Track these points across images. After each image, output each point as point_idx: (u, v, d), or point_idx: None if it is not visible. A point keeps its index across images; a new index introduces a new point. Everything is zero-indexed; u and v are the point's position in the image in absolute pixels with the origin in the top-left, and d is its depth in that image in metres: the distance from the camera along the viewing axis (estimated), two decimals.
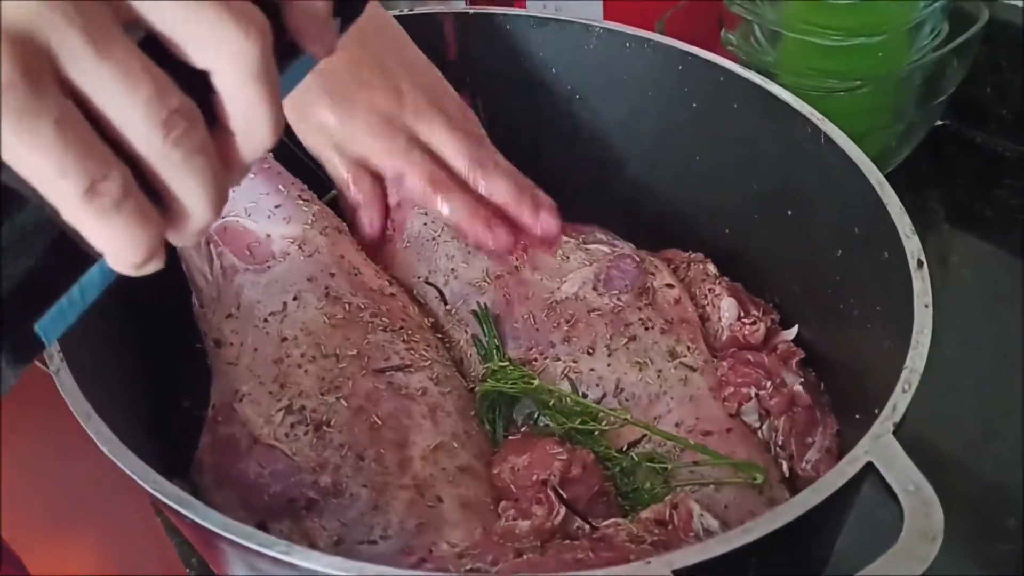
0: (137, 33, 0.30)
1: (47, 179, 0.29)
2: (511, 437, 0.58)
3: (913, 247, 0.51)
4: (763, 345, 0.62)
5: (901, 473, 0.40)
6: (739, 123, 0.67)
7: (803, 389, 0.58)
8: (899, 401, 0.44)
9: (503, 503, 0.53)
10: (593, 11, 0.89)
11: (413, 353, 0.59)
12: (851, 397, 0.55)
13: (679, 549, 0.39)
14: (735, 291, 0.64)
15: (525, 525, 0.51)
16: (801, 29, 0.80)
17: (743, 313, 0.63)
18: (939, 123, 0.88)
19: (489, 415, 0.58)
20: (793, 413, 0.57)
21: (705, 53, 0.68)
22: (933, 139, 0.87)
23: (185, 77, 0.30)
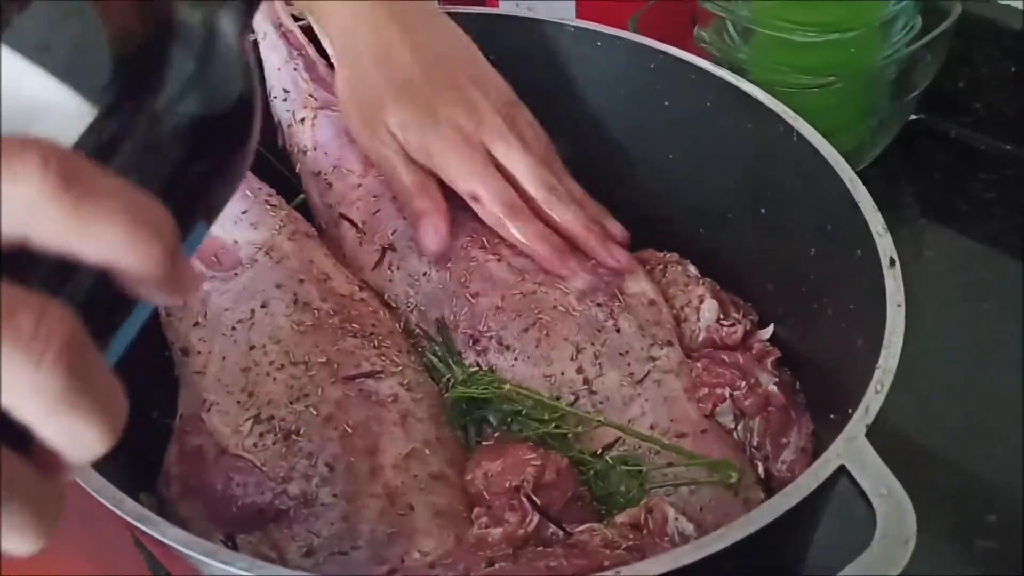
0: None
1: None
2: (484, 443, 0.57)
3: (885, 245, 0.51)
4: (739, 345, 0.62)
5: (874, 476, 0.40)
6: (712, 121, 0.66)
7: (777, 389, 0.58)
8: (871, 402, 0.43)
9: (476, 510, 0.53)
10: (566, 10, 0.89)
11: (384, 359, 0.58)
12: (826, 396, 0.55)
13: (649, 559, 0.38)
14: (717, 292, 0.64)
15: (498, 533, 0.50)
16: (773, 25, 0.80)
17: (723, 315, 0.62)
18: (913, 117, 0.88)
19: (461, 421, 0.58)
20: (768, 413, 0.57)
21: (676, 51, 0.67)
22: (907, 133, 0.87)
23: None
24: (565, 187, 0.63)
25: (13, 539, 0.26)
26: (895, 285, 0.48)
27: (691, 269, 0.66)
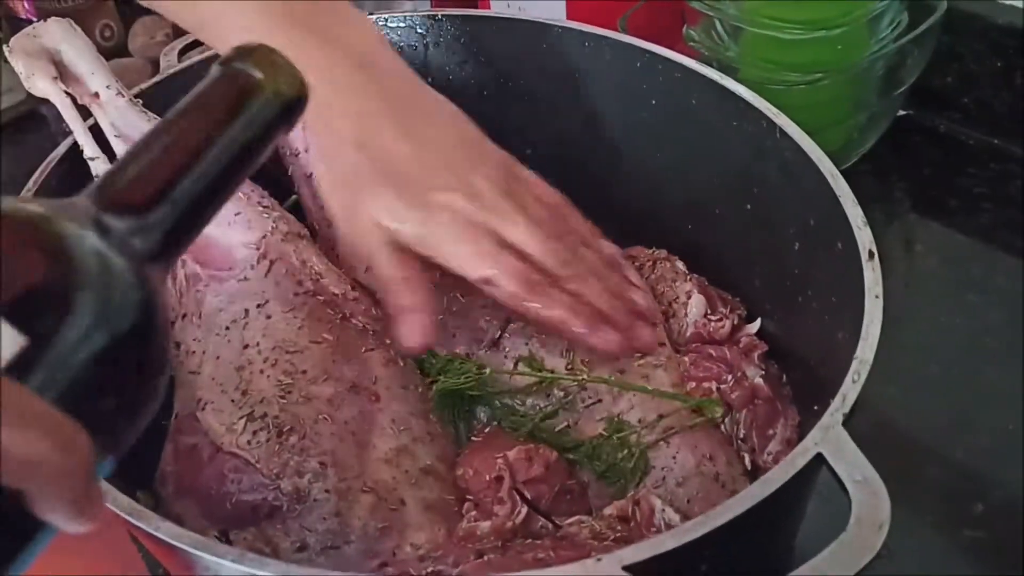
0: None
1: None
2: (474, 438, 0.58)
3: (865, 238, 0.51)
4: (727, 339, 0.62)
5: (850, 464, 0.41)
6: (698, 119, 0.67)
7: (763, 382, 0.58)
8: (849, 392, 0.44)
9: (466, 504, 0.54)
10: (556, 11, 0.90)
11: (376, 356, 0.59)
12: (810, 388, 0.56)
13: (630, 545, 0.39)
14: (704, 288, 0.64)
15: (487, 526, 0.51)
16: (761, 24, 0.80)
17: (710, 311, 0.63)
18: (902, 113, 0.89)
19: (451, 416, 0.58)
20: (754, 406, 0.58)
21: (663, 50, 0.68)
22: (897, 129, 0.88)
23: None
24: (581, 259, 0.59)
25: None
26: (874, 277, 0.49)
27: (679, 265, 0.66)
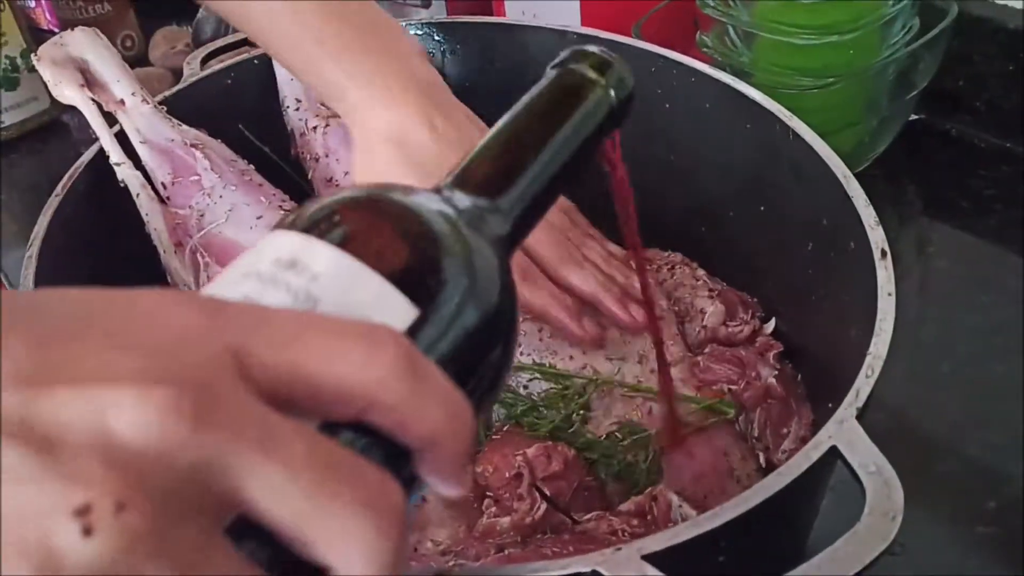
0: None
1: None
2: (494, 436, 0.59)
3: (877, 237, 0.52)
4: (746, 342, 0.63)
5: (863, 455, 0.41)
6: (712, 123, 0.68)
7: (777, 381, 0.59)
8: (862, 387, 0.44)
9: (486, 500, 0.55)
10: (571, 17, 0.91)
11: None
12: (824, 386, 0.56)
13: (648, 536, 0.40)
14: (724, 294, 0.65)
15: (506, 521, 0.52)
16: (773, 29, 0.81)
17: (729, 318, 0.64)
18: (914, 117, 0.90)
19: None
20: (768, 405, 0.59)
21: (676, 55, 0.69)
22: (909, 132, 0.88)
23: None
24: (578, 255, 0.62)
25: None
26: (886, 275, 0.50)
27: (699, 272, 0.67)
